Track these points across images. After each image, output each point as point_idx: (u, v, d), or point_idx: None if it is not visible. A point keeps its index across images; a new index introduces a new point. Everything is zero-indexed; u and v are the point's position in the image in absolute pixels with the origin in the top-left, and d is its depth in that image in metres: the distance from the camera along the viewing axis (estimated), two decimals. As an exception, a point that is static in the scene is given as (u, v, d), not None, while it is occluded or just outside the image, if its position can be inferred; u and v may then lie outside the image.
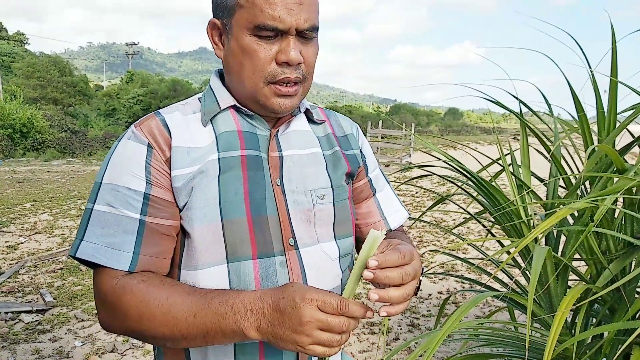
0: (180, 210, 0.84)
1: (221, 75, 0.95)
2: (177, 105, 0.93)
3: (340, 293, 0.96)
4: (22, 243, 5.75)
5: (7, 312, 3.69)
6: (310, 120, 1.00)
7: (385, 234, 1.08)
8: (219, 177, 0.84)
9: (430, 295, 4.21)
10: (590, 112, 1.59)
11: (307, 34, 0.83)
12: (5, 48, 44.63)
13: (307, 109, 0.99)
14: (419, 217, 2.16)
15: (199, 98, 0.94)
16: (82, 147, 20.50)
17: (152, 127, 0.85)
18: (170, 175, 0.83)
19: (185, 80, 32.78)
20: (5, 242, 5.76)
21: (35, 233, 6.21)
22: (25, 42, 51.81)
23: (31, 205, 7.93)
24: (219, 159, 0.85)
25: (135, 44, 52.20)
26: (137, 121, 0.88)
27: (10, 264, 4.97)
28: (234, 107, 0.91)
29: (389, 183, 1.12)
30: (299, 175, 0.91)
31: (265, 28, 0.80)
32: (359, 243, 1.08)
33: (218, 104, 0.90)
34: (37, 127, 20.07)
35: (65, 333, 3.43)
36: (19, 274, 4.68)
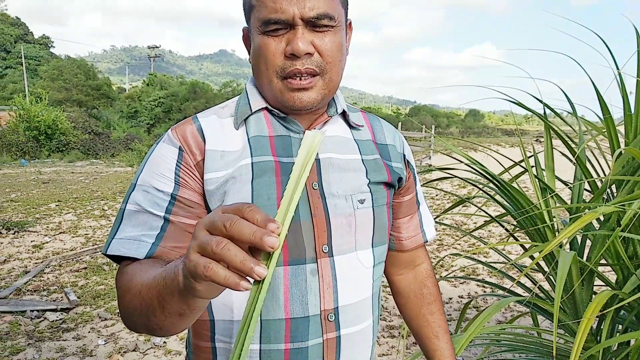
0: None
1: None
2: (216, 108, 0.92)
3: (371, 303, 0.93)
4: (47, 242, 5.88)
5: (32, 311, 3.78)
6: (349, 124, 0.95)
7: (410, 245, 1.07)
8: (252, 182, 0.83)
9: (450, 299, 4.16)
10: (616, 113, 1.56)
11: (318, 24, 0.79)
12: (32, 51, 45.76)
13: (344, 110, 0.94)
14: (436, 217, 2.14)
15: (236, 101, 0.93)
16: (105, 149, 20.90)
17: (186, 131, 0.86)
18: (200, 178, 0.83)
19: (203, 82, 33.12)
20: (31, 241, 5.90)
21: (60, 233, 6.34)
22: (50, 45, 53.06)
23: (56, 205, 8.11)
24: (252, 163, 0.84)
25: (157, 47, 53.06)
26: (175, 124, 0.89)
27: (35, 263, 5.08)
28: (266, 109, 0.89)
29: (422, 192, 1.10)
30: (338, 179, 0.88)
31: (269, 21, 0.79)
32: (395, 256, 1.07)
33: (250, 106, 0.89)
34: (61, 129, 20.53)
35: (89, 332, 3.49)
36: (44, 273, 4.78)
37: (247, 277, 0.49)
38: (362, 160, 0.92)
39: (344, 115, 0.95)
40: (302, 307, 0.84)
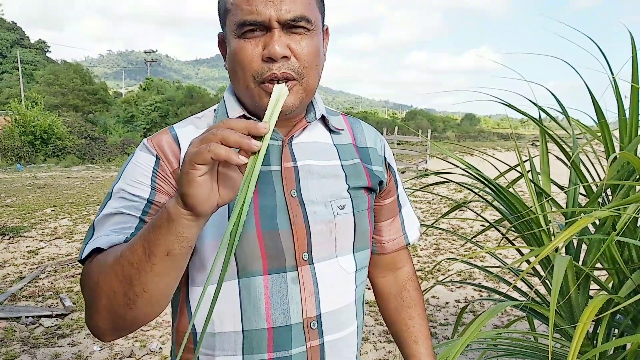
0: None
1: None
2: (193, 118, 0.92)
3: (354, 308, 0.93)
4: (42, 248, 5.85)
5: (27, 317, 3.75)
6: (329, 128, 0.95)
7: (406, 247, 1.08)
8: None
9: (447, 303, 4.16)
10: (612, 117, 1.56)
11: (295, 26, 0.79)
12: (28, 56, 45.73)
13: (323, 115, 0.93)
14: (432, 223, 2.14)
15: (214, 109, 0.93)
16: (101, 154, 20.86)
17: (162, 140, 0.86)
18: (177, 185, 0.80)
19: (200, 87, 33.14)
20: (27, 246, 5.87)
21: (56, 238, 6.31)
22: (46, 50, 53.04)
23: (52, 210, 8.07)
24: None
25: (153, 52, 53.10)
26: (151, 135, 0.88)
27: (31, 269, 5.05)
28: (244, 117, 0.88)
29: (406, 193, 1.09)
30: (316, 186, 0.88)
31: (245, 24, 0.78)
32: (376, 258, 1.06)
33: (227, 115, 0.88)
34: (57, 134, 20.47)
35: (84, 338, 3.47)
36: (40, 279, 4.75)
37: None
38: (342, 165, 0.92)
39: (323, 119, 0.94)
40: (284, 316, 0.84)
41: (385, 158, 1.01)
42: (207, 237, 0.82)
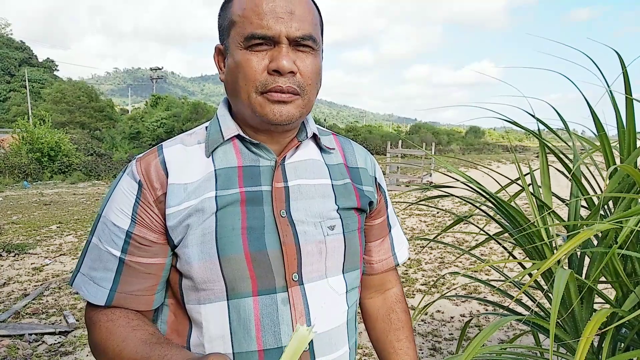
0: (175, 247, 0.83)
1: (230, 104, 0.92)
2: (183, 136, 0.91)
3: (346, 330, 0.92)
4: (47, 265, 5.85)
5: (30, 334, 3.74)
6: (320, 147, 0.95)
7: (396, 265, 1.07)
8: (216, 213, 0.82)
9: (452, 318, 4.12)
10: (612, 130, 1.56)
11: (302, 44, 0.81)
12: (36, 75, 46.30)
13: (314, 134, 0.93)
14: (434, 237, 2.13)
15: (206, 127, 0.91)
16: (107, 170, 20.95)
17: (150, 163, 0.85)
18: (160, 214, 0.83)
19: (204, 103, 33.39)
20: (31, 263, 5.87)
21: (61, 255, 6.32)
22: (54, 68, 53.71)
23: (57, 227, 8.10)
24: (216, 196, 0.83)
25: (159, 69, 53.67)
26: (141, 154, 0.87)
27: (35, 286, 5.05)
28: (238, 136, 0.88)
29: (395, 214, 1.09)
30: (307, 206, 0.87)
31: (254, 37, 0.79)
32: (365, 279, 1.05)
33: (222, 134, 0.87)
34: (64, 151, 20.63)
35: (87, 355, 3.45)
36: (44, 296, 4.75)
37: None
38: (332, 185, 0.92)
39: (315, 138, 0.95)
40: (274, 338, 0.83)
41: (375, 178, 1.00)
42: (193, 258, 0.81)
